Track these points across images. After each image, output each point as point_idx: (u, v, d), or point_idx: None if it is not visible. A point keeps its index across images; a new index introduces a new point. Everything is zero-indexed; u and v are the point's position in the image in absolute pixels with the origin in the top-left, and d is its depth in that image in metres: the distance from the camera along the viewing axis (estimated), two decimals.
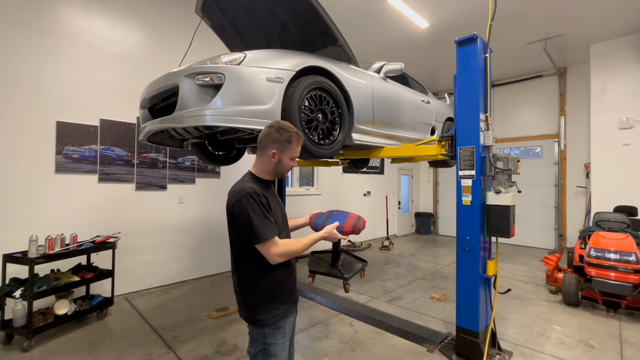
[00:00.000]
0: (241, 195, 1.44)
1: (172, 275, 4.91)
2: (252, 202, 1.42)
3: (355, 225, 1.77)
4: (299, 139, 1.59)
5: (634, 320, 3.71)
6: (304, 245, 1.52)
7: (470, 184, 2.82)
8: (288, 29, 3.05)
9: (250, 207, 1.42)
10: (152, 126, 2.47)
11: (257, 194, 1.45)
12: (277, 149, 1.54)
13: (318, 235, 1.62)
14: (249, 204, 1.42)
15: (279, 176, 1.63)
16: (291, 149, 1.56)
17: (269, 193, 1.58)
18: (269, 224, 1.44)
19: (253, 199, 1.43)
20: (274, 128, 1.54)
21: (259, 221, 1.41)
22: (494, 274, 2.87)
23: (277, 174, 1.61)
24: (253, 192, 1.44)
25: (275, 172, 1.59)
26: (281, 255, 1.44)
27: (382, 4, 4.99)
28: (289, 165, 1.59)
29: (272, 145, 1.54)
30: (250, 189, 1.45)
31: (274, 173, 1.60)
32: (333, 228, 1.69)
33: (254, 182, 1.54)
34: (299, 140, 1.59)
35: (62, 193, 3.90)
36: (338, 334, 3.35)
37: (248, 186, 1.47)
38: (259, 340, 1.55)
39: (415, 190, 10.50)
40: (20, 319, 3.06)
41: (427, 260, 6.64)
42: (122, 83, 4.42)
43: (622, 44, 5.98)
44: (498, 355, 2.86)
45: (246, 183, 1.51)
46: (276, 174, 1.60)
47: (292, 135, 1.55)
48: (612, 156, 5.98)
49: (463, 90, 2.89)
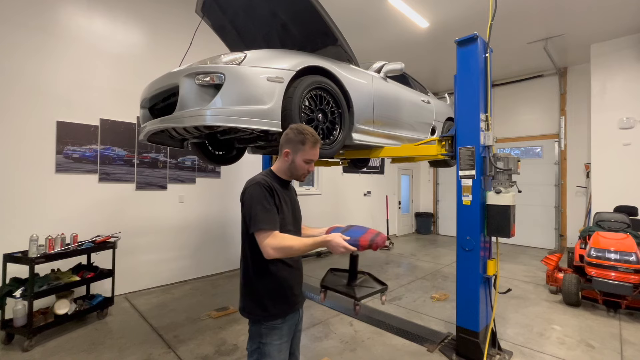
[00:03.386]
0: (252, 183, 1.52)
1: (172, 275, 4.91)
2: (259, 190, 1.48)
3: (373, 240, 1.54)
4: (315, 142, 1.60)
5: (634, 320, 3.71)
6: (303, 244, 1.42)
7: (471, 184, 2.82)
8: (288, 29, 3.05)
9: (256, 194, 1.47)
10: (152, 126, 2.48)
11: (267, 185, 1.50)
12: (291, 149, 1.59)
13: (320, 239, 1.45)
14: (255, 191, 1.48)
15: (295, 178, 1.66)
16: (305, 150, 1.58)
17: (284, 191, 1.62)
18: (270, 215, 1.45)
19: (260, 188, 1.48)
20: (292, 129, 1.60)
21: (260, 209, 1.45)
22: (494, 274, 2.87)
23: (293, 176, 1.64)
24: (263, 182, 1.50)
25: (291, 173, 1.63)
26: (275, 249, 1.39)
27: (382, 3, 4.99)
28: (302, 167, 1.60)
29: (286, 145, 1.60)
30: (262, 179, 1.53)
31: (290, 174, 1.63)
32: (339, 237, 1.46)
33: (270, 178, 1.59)
34: (315, 143, 1.60)
35: (63, 193, 3.90)
36: (338, 333, 3.35)
37: (261, 178, 1.55)
38: (255, 338, 1.55)
39: (416, 190, 10.49)
40: (20, 319, 3.07)
41: (427, 260, 6.64)
42: (122, 83, 4.42)
43: (623, 44, 5.97)
44: (498, 355, 2.86)
45: (261, 176, 1.58)
46: (292, 175, 1.64)
47: (307, 137, 1.57)
48: (612, 156, 5.98)
49: (463, 90, 2.89)
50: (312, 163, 1.63)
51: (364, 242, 1.50)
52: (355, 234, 1.55)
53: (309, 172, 1.64)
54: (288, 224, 1.59)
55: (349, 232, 1.57)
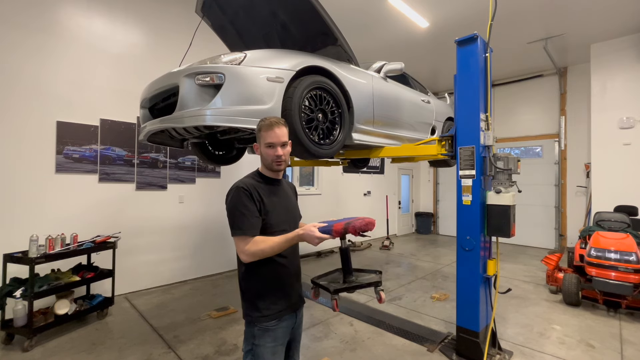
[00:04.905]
0: (233, 188, 1.51)
1: (172, 275, 4.91)
2: (237, 196, 1.48)
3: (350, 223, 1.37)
4: (269, 125, 1.53)
5: (635, 320, 3.71)
6: (275, 243, 1.38)
7: (471, 184, 2.82)
8: (288, 29, 3.05)
9: (235, 200, 1.47)
10: (152, 126, 2.47)
11: (246, 189, 1.48)
12: (257, 142, 1.60)
13: (292, 234, 1.37)
14: (233, 197, 1.48)
15: (272, 169, 1.59)
16: (262, 137, 1.55)
17: (270, 189, 1.59)
18: (246, 220, 1.44)
19: (239, 194, 1.48)
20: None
21: (237, 215, 1.45)
22: (494, 274, 2.87)
23: (270, 168, 1.60)
24: (243, 187, 1.49)
25: (267, 165, 1.61)
26: (248, 254, 1.39)
27: (382, 3, 4.99)
28: (268, 154, 1.55)
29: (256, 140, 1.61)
30: (242, 183, 1.51)
31: (269, 167, 1.61)
32: (311, 227, 1.36)
33: (254, 178, 1.59)
34: (269, 126, 1.53)
35: (63, 193, 3.90)
36: (338, 333, 3.35)
37: (243, 181, 1.54)
38: (249, 339, 1.54)
39: (416, 190, 10.49)
40: (20, 319, 3.07)
41: (428, 260, 6.64)
42: (122, 83, 4.42)
43: (623, 44, 5.97)
44: (498, 355, 2.86)
45: (245, 178, 1.59)
46: (270, 168, 1.60)
47: (260, 123, 1.57)
48: (612, 156, 5.98)
49: (463, 89, 2.89)
50: (277, 147, 1.54)
51: (338, 227, 1.36)
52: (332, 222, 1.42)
53: (278, 158, 1.55)
54: (281, 222, 1.56)
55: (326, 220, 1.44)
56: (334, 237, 1.36)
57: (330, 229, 1.35)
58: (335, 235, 1.36)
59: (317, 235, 1.33)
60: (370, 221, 1.40)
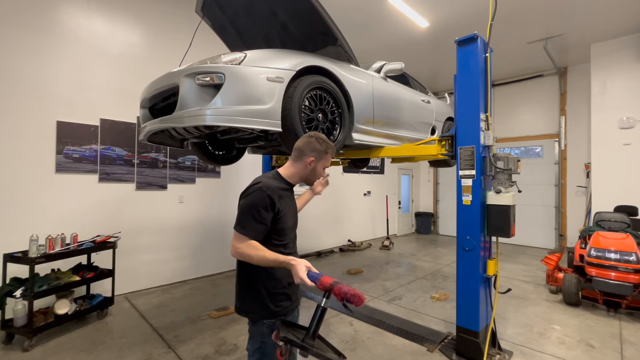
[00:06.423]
0: (258, 186, 1.50)
1: (172, 275, 4.91)
2: (259, 197, 1.47)
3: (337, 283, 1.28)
4: (333, 152, 1.70)
5: (635, 320, 3.71)
6: (266, 258, 1.39)
7: (471, 184, 2.82)
8: (288, 29, 3.05)
9: (254, 200, 1.47)
10: (152, 126, 2.48)
11: (270, 194, 1.48)
12: (315, 157, 1.63)
13: (283, 258, 1.38)
14: (255, 198, 1.47)
15: (308, 183, 1.73)
16: (326, 159, 1.68)
17: (287, 194, 1.63)
18: (254, 224, 1.45)
19: (262, 198, 1.47)
20: (313, 138, 1.65)
21: (247, 215, 1.46)
22: (494, 274, 2.87)
23: (307, 181, 1.70)
24: (267, 191, 1.48)
25: (307, 178, 1.68)
26: (237, 251, 1.44)
27: (382, 3, 4.99)
28: (321, 174, 1.70)
29: (311, 153, 1.63)
30: (266, 186, 1.50)
31: (305, 179, 1.68)
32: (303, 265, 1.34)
33: (277, 180, 1.61)
34: (334, 153, 1.71)
35: (63, 193, 3.90)
36: (338, 333, 3.35)
37: (268, 183, 1.52)
38: (257, 337, 1.56)
39: (416, 190, 10.49)
40: (20, 319, 3.07)
41: (427, 260, 6.64)
42: (122, 83, 4.42)
43: (623, 44, 5.97)
44: (498, 354, 2.86)
45: (270, 180, 1.57)
46: (307, 180, 1.69)
47: (330, 147, 1.67)
48: (612, 156, 5.98)
49: (463, 89, 2.89)
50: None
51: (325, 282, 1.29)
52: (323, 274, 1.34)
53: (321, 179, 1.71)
54: (288, 228, 1.61)
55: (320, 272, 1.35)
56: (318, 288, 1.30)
57: (318, 279, 1.30)
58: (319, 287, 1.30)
59: (303, 277, 1.30)
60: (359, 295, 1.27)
